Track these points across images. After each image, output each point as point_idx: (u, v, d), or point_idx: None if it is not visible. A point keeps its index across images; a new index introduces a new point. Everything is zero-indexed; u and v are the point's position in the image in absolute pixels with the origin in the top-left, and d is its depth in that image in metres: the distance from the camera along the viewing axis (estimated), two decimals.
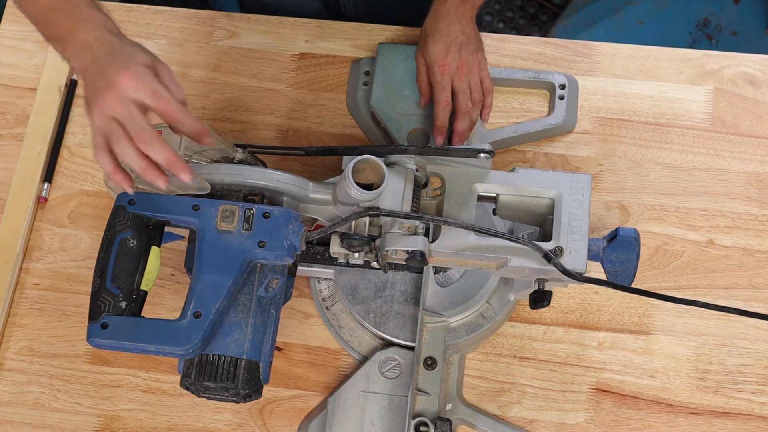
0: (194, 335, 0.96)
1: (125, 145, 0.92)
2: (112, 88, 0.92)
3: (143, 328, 0.98)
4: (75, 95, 1.39)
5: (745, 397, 1.21)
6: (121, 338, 0.97)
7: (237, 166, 1.07)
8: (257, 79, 1.39)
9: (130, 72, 0.92)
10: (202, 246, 1.00)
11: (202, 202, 1.02)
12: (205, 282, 0.99)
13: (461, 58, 1.23)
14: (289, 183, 1.07)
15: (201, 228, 1.01)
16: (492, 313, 1.21)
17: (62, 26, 1.00)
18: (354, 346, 1.24)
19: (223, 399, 1.02)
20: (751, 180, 1.31)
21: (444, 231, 1.04)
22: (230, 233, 1.00)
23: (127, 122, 0.92)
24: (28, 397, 1.24)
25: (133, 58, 0.95)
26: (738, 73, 1.37)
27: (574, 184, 1.06)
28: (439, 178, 1.08)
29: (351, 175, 1.01)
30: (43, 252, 1.31)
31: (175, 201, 1.02)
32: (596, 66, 1.38)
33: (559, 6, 2.47)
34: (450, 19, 1.25)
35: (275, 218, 1.01)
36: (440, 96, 1.24)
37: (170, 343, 0.97)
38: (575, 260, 1.02)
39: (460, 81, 1.23)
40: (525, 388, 1.22)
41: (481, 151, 1.06)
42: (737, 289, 1.25)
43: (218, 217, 1.01)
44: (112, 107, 0.92)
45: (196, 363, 0.99)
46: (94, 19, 0.99)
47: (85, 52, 0.97)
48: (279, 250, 1.01)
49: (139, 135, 0.92)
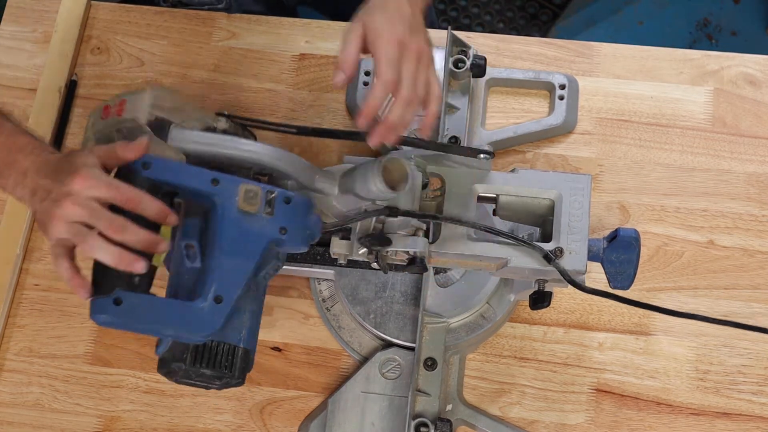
0: (216, 321, 0.91)
1: (95, 242, 0.89)
2: (68, 197, 0.89)
3: (160, 308, 0.90)
4: (75, 96, 1.39)
5: (745, 398, 1.21)
6: (134, 318, 0.89)
7: (251, 142, 1.00)
8: (257, 79, 1.39)
9: (81, 174, 0.90)
10: (222, 224, 0.94)
11: (222, 177, 0.95)
12: (226, 264, 0.93)
13: (413, 39, 1.01)
14: (300, 167, 1.02)
15: (220, 205, 0.94)
16: (492, 314, 1.21)
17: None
18: (354, 346, 1.24)
19: (204, 386, 0.98)
20: (751, 180, 1.31)
21: (444, 232, 1.04)
22: (252, 215, 0.95)
23: (95, 219, 0.89)
24: (28, 398, 1.24)
25: (78, 161, 0.92)
26: (738, 73, 1.37)
27: (574, 184, 1.06)
28: (439, 179, 1.08)
29: (381, 172, 0.99)
30: (43, 253, 1.31)
31: (194, 171, 0.95)
32: (596, 66, 1.38)
33: (559, 6, 2.47)
34: (401, 1, 1.04)
35: (296, 204, 0.97)
36: (384, 71, 0.99)
37: (189, 328, 0.90)
38: (575, 261, 1.02)
39: (409, 62, 1.00)
40: (525, 389, 1.22)
41: (481, 152, 1.06)
42: (737, 290, 1.25)
43: (241, 196, 0.94)
44: (73, 213, 0.89)
45: (192, 348, 0.93)
46: (30, 144, 0.97)
47: (27, 179, 0.94)
48: (299, 238, 0.97)
49: (111, 226, 0.89)
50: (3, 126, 0.99)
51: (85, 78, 1.41)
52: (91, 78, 1.41)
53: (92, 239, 0.89)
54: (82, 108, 1.38)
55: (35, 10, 1.45)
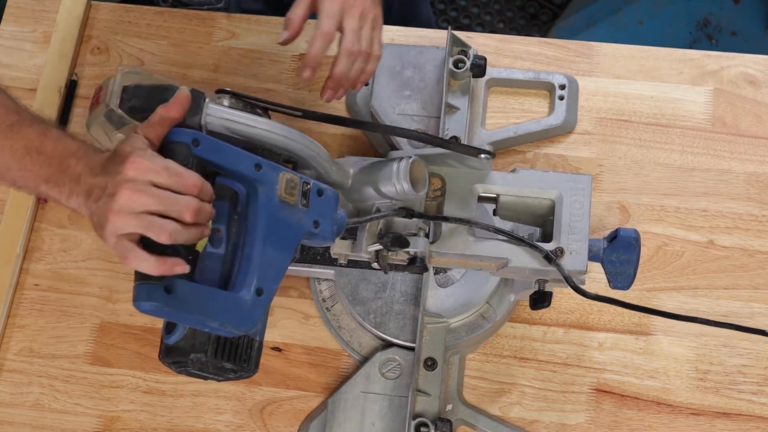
0: (257, 314, 0.87)
1: (173, 227, 0.82)
2: (124, 186, 0.82)
3: (207, 298, 0.85)
4: (75, 96, 1.39)
5: (745, 398, 1.21)
6: (183, 307, 0.83)
7: (284, 126, 0.96)
8: (257, 79, 1.39)
9: (132, 159, 0.83)
10: (262, 213, 0.89)
11: (264, 163, 0.90)
12: (267, 255, 0.88)
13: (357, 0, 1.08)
14: (324, 157, 0.99)
15: (262, 193, 0.90)
16: (492, 314, 1.21)
17: (49, 165, 0.90)
18: (354, 346, 1.24)
19: (212, 377, 0.93)
20: (751, 180, 1.31)
21: (444, 232, 1.04)
22: (290, 206, 0.91)
23: (167, 205, 0.82)
24: (28, 398, 1.24)
25: (125, 149, 0.85)
26: (738, 73, 1.37)
27: (575, 184, 1.06)
28: (440, 179, 1.08)
29: (408, 172, 0.98)
30: (43, 253, 1.31)
31: (240, 153, 0.90)
32: (596, 66, 1.38)
33: (559, 6, 2.47)
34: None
35: (327, 198, 0.94)
36: (324, 22, 1.07)
37: (233, 321, 0.86)
38: (576, 261, 1.02)
39: (352, 18, 1.08)
40: (525, 389, 1.22)
41: (482, 151, 1.06)
42: (737, 290, 1.25)
43: (282, 185, 0.90)
44: (137, 202, 0.82)
45: (214, 339, 0.88)
46: (80, 148, 0.90)
47: (80, 185, 0.88)
48: (329, 232, 0.94)
49: (189, 209, 0.83)
50: (50, 132, 0.92)
51: (85, 78, 1.41)
52: (91, 78, 1.41)
53: (170, 225, 0.82)
54: (82, 108, 1.38)
55: (35, 10, 1.45)
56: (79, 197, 0.88)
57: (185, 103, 0.89)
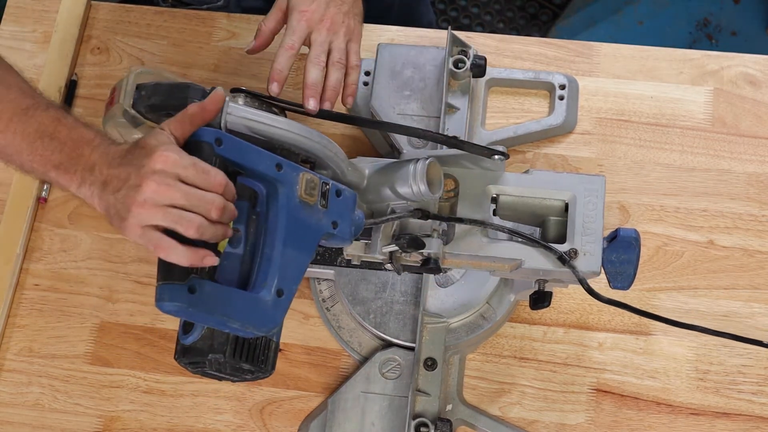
0: (278, 315, 0.87)
1: (200, 222, 0.82)
2: (151, 178, 0.81)
3: (230, 299, 0.85)
4: (75, 96, 1.39)
5: (745, 398, 1.21)
6: (206, 308, 0.83)
7: (303, 126, 0.95)
8: (257, 79, 1.39)
9: (160, 153, 0.82)
10: (282, 214, 0.89)
11: (285, 163, 0.90)
12: (287, 256, 0.88)
13: (328, 11, 1.10)
14: (341, 157, 0.99)
15: (283, 193, 0.89)
16: (492, 314, 1.21)
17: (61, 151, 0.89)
18: (354, 346, 1.24)
19: (228, 378, 0.93)
20: (751, 180, 1.31)
21: (458, 233, 1.04)
22: (309, 206, 0.91)
23: (194, 200, 0.82)
24: (28, 398, 1.24)
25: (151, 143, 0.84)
26: (738, 73, 1.37)
27: (588, 186, 1.05)
28: (453, 180, 1.07)
29: (424, 173, 0.98)
30: (43, 253, 1.31)
31: (261, 153, 0.89)
32: (596, 66, 1.38)
33: (559, 6, 2.47)
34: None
35: (345, 198, 0.94)
36: (287, 38, 1.10)
37: (255, 322, 0.86)
38: (589, 262, 1.01)
39: (318, 34, 1.10)
40: (525, 389, 1.22)
41: (496, 152, 1.05)
42: (737, 290, 1.25)
43: (302, 185, 0.90)
44: (163, 195, 0.81)
45: (232, 339, 0.88)
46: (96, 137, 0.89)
47: (94, 174, 0.86)
48: (347, 233, 0.94)
49: (214, 206, 0.82)
50: (65, 119, 0.91)
51: (85, 78, 1.41)
52: (91, 78, 1.41)
53: (198, 219, 0.82)
54: (82, 108, 1.38)
55: (35, 10, 1.45)
56: (93, 186, 0.86)
57: (221, 103, 0.90)
